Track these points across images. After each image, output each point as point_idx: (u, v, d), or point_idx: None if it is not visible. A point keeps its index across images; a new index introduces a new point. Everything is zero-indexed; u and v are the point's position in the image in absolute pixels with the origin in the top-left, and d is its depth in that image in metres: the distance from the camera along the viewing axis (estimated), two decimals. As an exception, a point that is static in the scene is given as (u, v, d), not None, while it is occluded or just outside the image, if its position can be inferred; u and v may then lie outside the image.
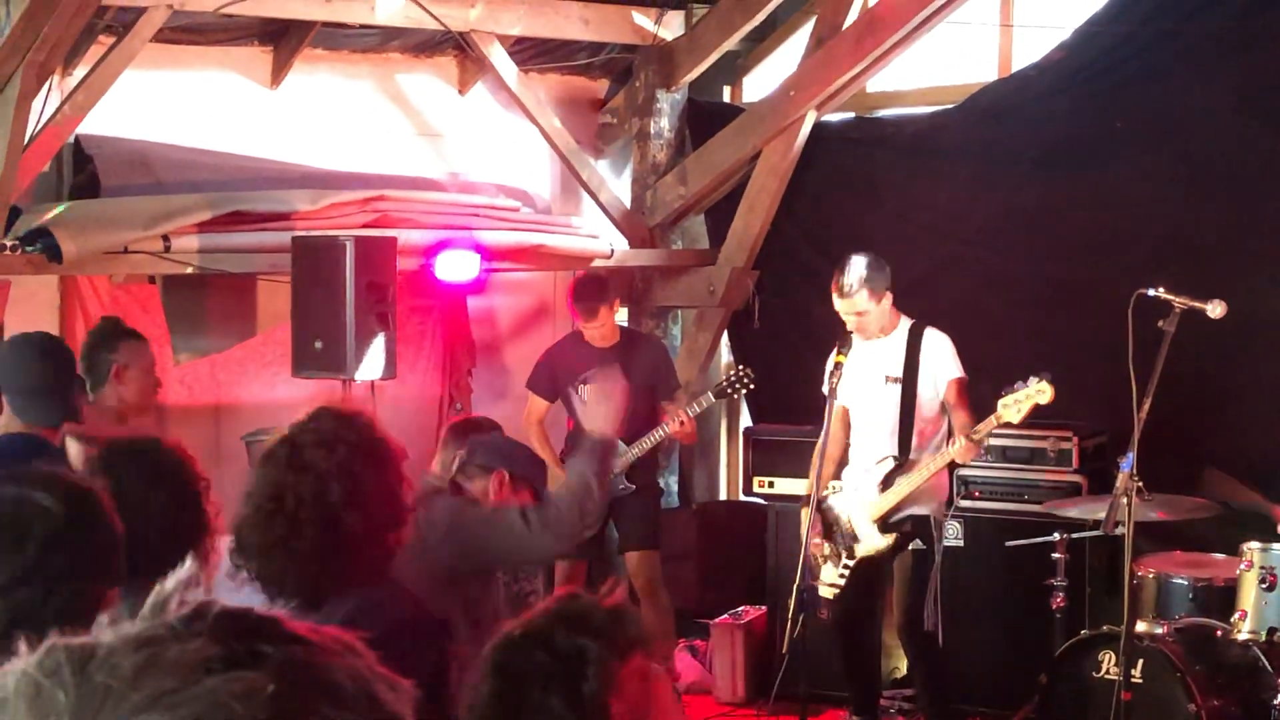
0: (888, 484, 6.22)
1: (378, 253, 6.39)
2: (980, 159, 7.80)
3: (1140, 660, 5.59)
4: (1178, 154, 7.16)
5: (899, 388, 6.27)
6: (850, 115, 8.41)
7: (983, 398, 6.13)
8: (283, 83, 7.65)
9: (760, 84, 8.86)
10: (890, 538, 6.25)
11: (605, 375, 4.85)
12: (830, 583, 6.36)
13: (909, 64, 8.11)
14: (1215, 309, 5.58)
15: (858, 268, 6.23)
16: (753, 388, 7.24)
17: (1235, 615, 5.58)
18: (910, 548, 6.29)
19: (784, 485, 7.56)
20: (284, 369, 6.74)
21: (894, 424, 6.28)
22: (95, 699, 0.96)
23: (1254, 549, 5.60)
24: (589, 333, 7.16)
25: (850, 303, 6.22)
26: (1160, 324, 5.54)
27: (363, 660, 1.04)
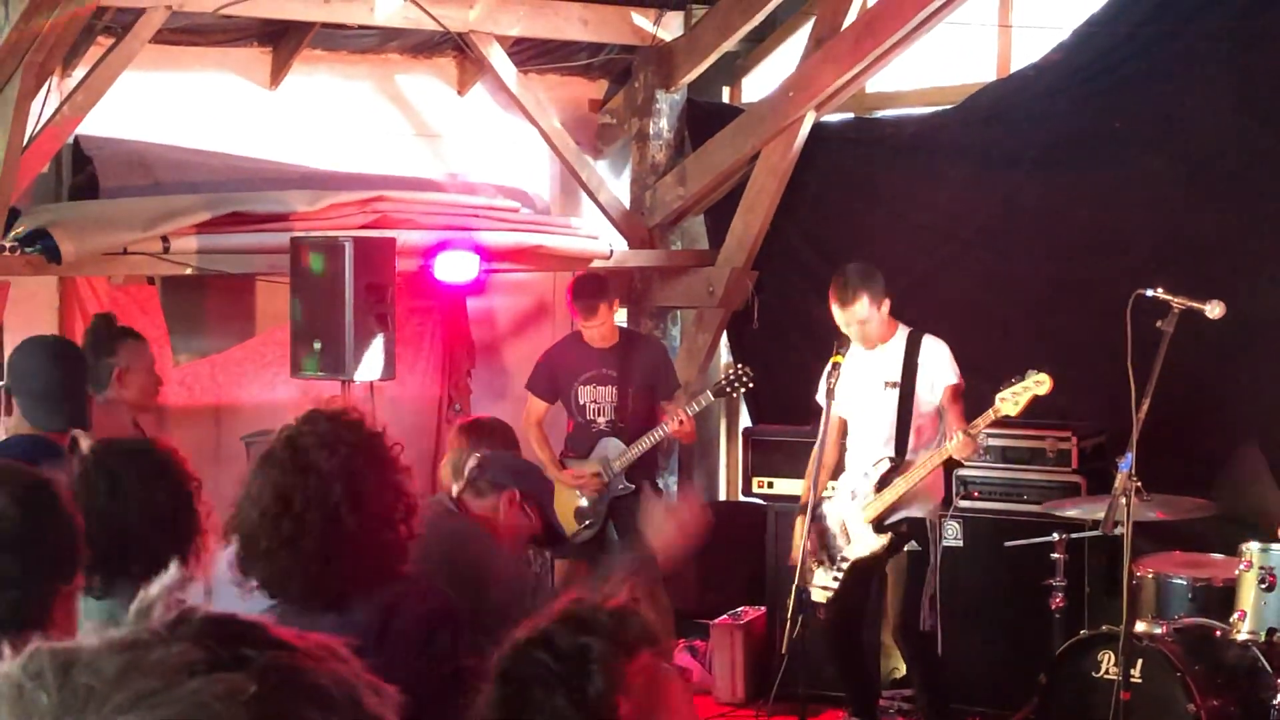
0: (884, 484, 6.23)
1: (377, 253, 6.39)
2: (979, 159, 7.80)
3: (1139, 660, 5.59)
4: (1177, 154, 7.16)
5: (897, 392, 6.28)
6: (849, 116, 8.41)
7: (980, 398, 6.13)
8: (282, 83, 7.65)
9: (759, 84, 8.85)
10: (885, 538, 6.25)
11: (691, 500, 4.66)
12: (823, 586, 6.36)
13: (908, 64, 8.10)
14: (1214, 309, 5.57)
15: (854, 277, 6.24)
16: (752, 386, 7.25)
17: (1234, 615, 5.58)
18: (906, 549, 6.29)
19: (783, 485, 7.56)
20: (283, 370, 6.73)
21: (891, 428, 6.29)
22: (77, 700, 0.97)
23: (1253, 549, 5.60)
24: (588, 333, 7.17)
25: (851, 312, 6.22)
26: (1159, 324, 5.54)
27: (347, 665, 1.04)
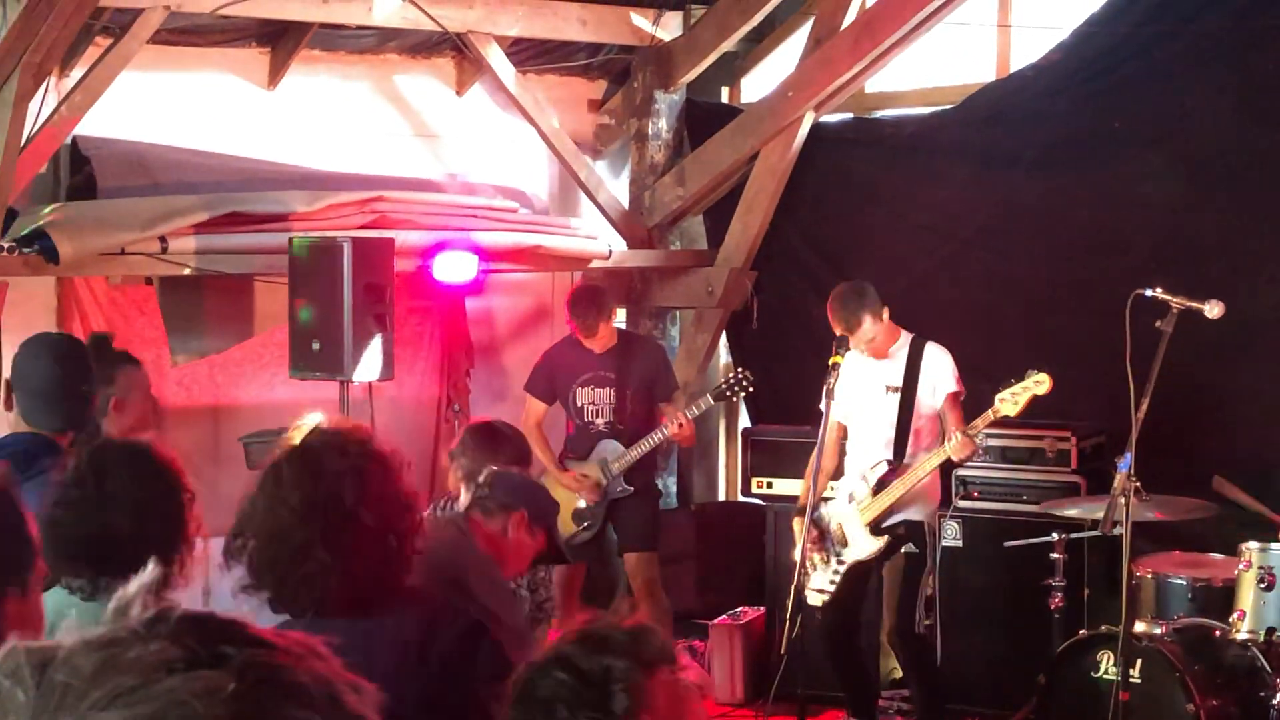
0: (881, 487, 6.22)
1: (375, 254, 6.38)
2: (978, 159, 7.79)
3: (1139, 660, 5.59)
4: (1176, 154, 7.15)
5: (898, 396, 6.27)
6: (848, 116, 8.41)
7: (980, 398, 6.13)
8: (280, 84, 7.65)
9: (758, 85, 8.85)
10: (882, 541, 6.24)
11: None
12: (819, 589, 6.35)
13: (907, 64, 8.10)
14: (1213, 309, 5.57)
15: (850, 301, 6.18)
16: (751, 390, 7.24)
17: (1234, 615, 5.58)
18: (904, 551, 6.28)
19: (782, 486, 7.55)
20: (282, 370, 6.73)
21: (891, 431, 6.28)
22: (54, 697, 0.97)
23: (1252, 549, 5.60)
24: (587, 340, 7.17)
25: (859, 334, 6.18)
26: (1158, 324, 5.53)
27: (326, 663, 1.04)
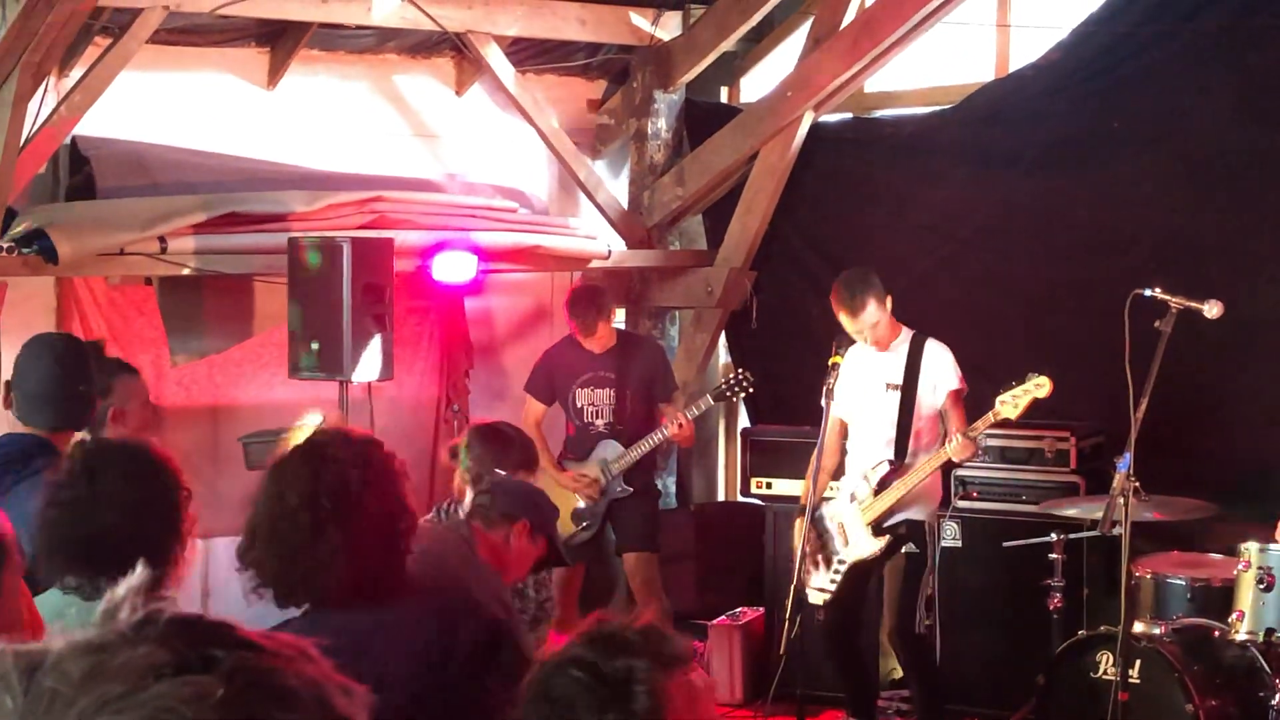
0: (883, 487, 6.21)
1: (375, 254, 6.38)
2: (978, 159, 7.79)
3: (1138, 660, 5.59)
4: (1175, 154, 7.15)
5: (899, 395, 6.26)
6: (848, 116, 8.41)
7: (980, 398, 6.12)
8: (279, 84, 7.64)
9: (757, 84, 8.85)
10: (883, 541, 6.24)
11: None
12: (820, 588, 6.35)
13: (906, 64, 8.10)
14: (1212, 309, 5.57)
15: (855, 284, 6.22)
16: (751, 391, 7.24)
17: (1233, 615, 5.57)
18: (904, 550, 6.28)
19: (782, 486, 7.55)
20: (281, 370, 6.72)
21: (892, 430, 6.27)
22: (42, 703, 0.96)
23: (1252, 549, 5.59)
24: (587, 340, 7.17)
25: (863, 319, 6.20)
26: (1157, 324, 5.53)
27: (316, 666, 1.04)
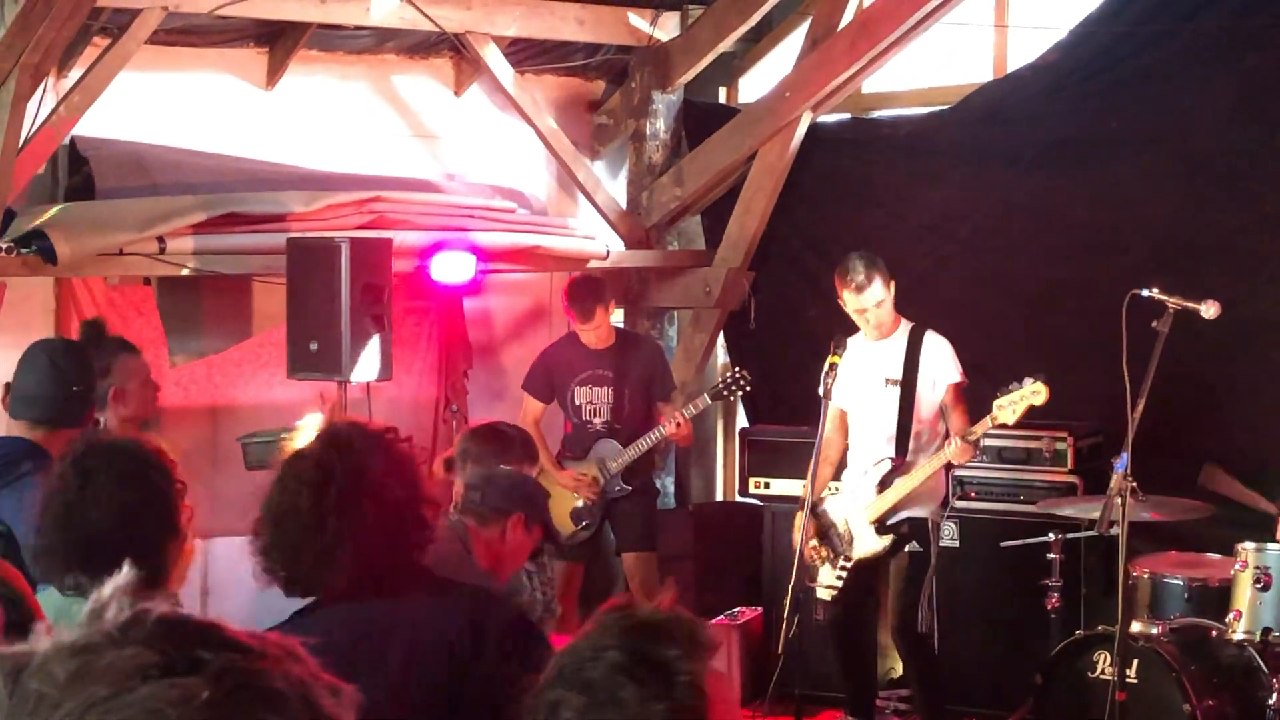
0: (885, 485, 6.22)
1: (373, 254, 6.38)
2: (976, 160, 7.79)
3: (1135, 660, 5.59)
4: (1174, 154, 7.15)
5: (898, 390, 6.27)
6: (846, 116, 8.41)
7: (979, 398, 6.13)
8: (278, 84, 7.65)
9: (756, 85, 8.85)
10: (887, 539, 6.25)
11: None
12: (828, 585, 6.36)
13: (904, 65, 8.10)
14: (1209, 309, 5.57)
15: (861, 261, 6.25)
16: (749, 390, 7.25)
17: (1230, 615, 5.58)
18: (906, 549, 6.29)
19: (780, 486, 7.56)
20: (280, 370, 6.73)
21: (893, 426, 6.28)
22: (28, 705, 0.97)
23: (1249, 549, 5.60)
24: (585, 335, 7.18)
25: (868, 295, 6.21)
26: (1154, 324, 5.53)
27: (304, 666, 1.04)
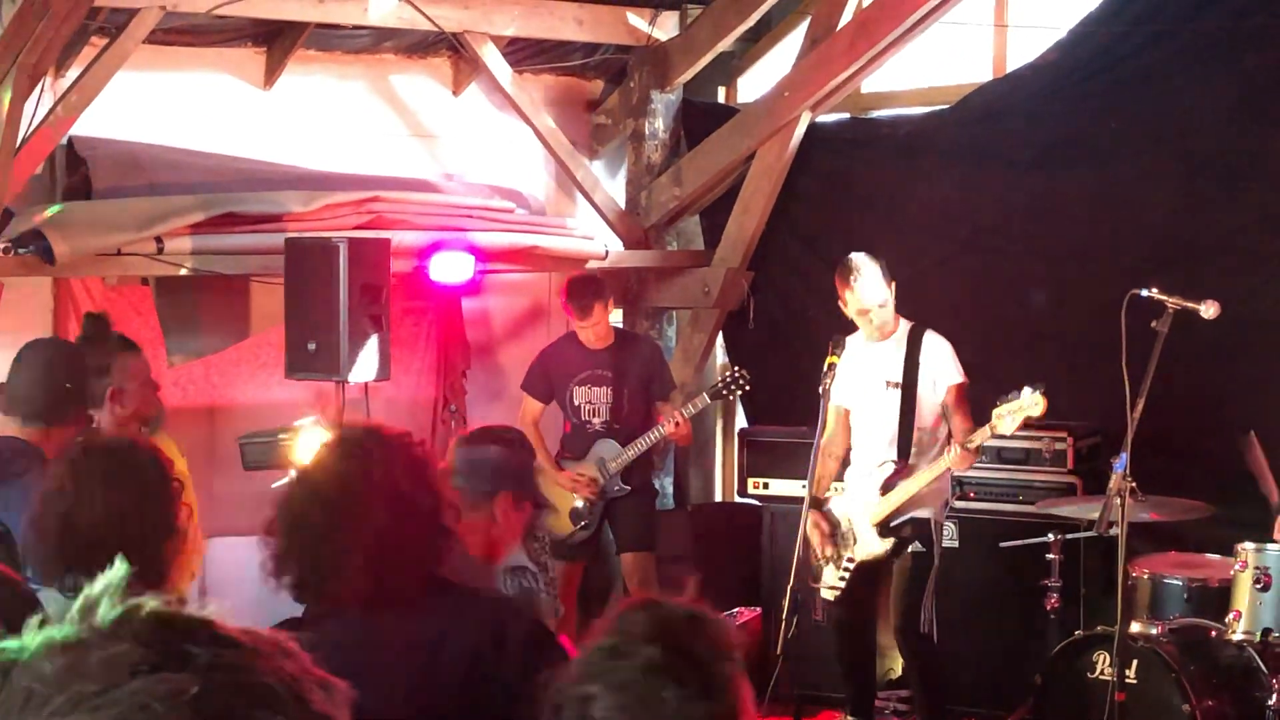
0: (888, 488, 6.20)
1: (371, 254, 6.37)
2: (975, 160, 7.79)
3: (1135, 661, 5.58)
4: (1174, 154, 7.14)
5: (899, 393, 6.25)
6: (845, 116, 8.41)
7: (977, 398, 6.12)
8: (276, 84, 7.65)
9: (755, 85, 8.84)
10: (889, 542, 6.23)
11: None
12: (830, 585, 6.36)
13: (903, 65, 8.10)
14: (1208, 310, 5.57)
15: (864, 261, 6.22)
16: (748, 389, 7.24)
17: (1230, 616, 5.57)
18: (910, 549, 6.27)
19: (778, 486, 7.55)
20: (278, 370, 6.72)
21: (894, 429, 6.26)
22: (17, 701, 0.97)
23: (1248, 549, 5.59)
24: (584, 334, 7.17)
25: (870, 295, 6.18)
26: (1154, 324, 5.53)
27: (295, 662, 1.04)
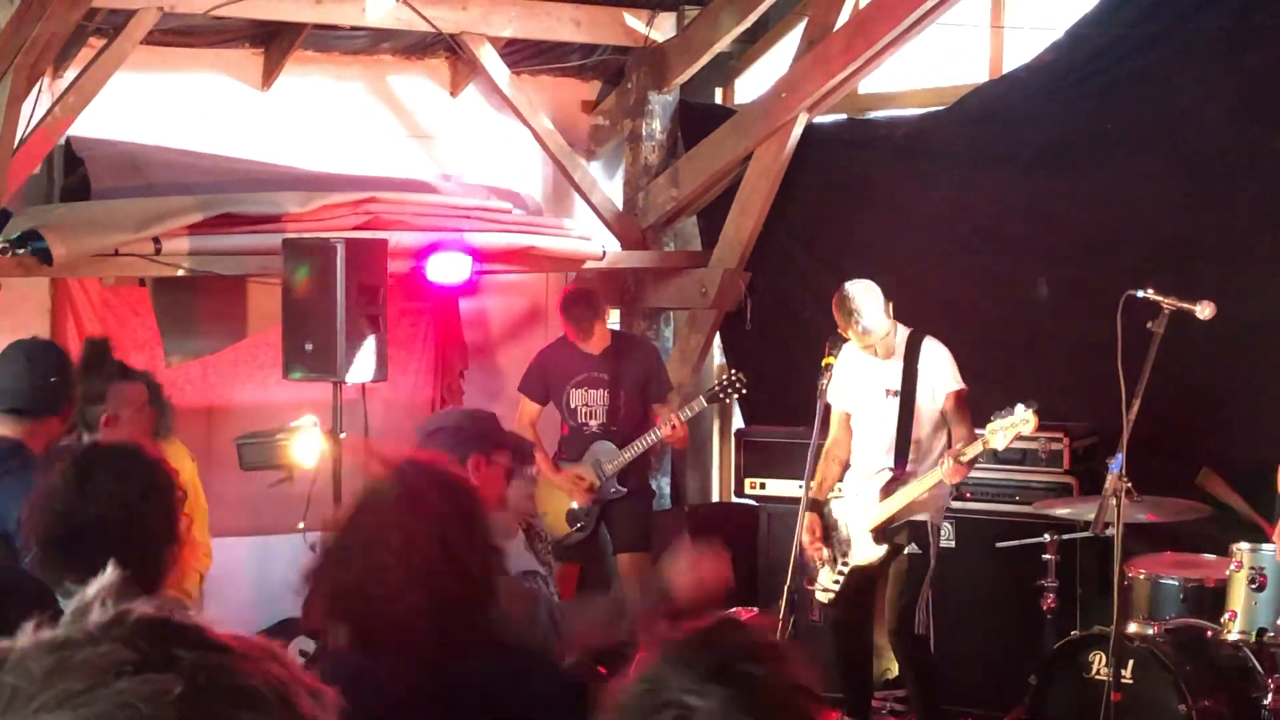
0: (887, 493, 6.20)
1: (369, 255, 6.38)
2: (972, 161, 7.79)
3: (1131, 661, 5.59)
4: (1170, 155, 7.14)
5: (898, 401, 6.23)
6: (842, 117, 8.41)
7: (974, 399, 6.13)
8: (274, 84, 7.65)
9: (752, 85, 8.85)
10: (884, 548, 6.23)
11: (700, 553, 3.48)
12: (825, 586, 6.36)
13: (900, 65, 8.10)
14: (1204, 310, 5.57)
15: (862, 295, 6.11)
16: (745, 392, 7.24)
17: (1225, 616, 5.58)
18: (906, 551, 6.27)
19: (775, 487, 7.56)
20: (276, 371, 6.72)
21: (891, 437, 6.24)
22: (3, 698, 0.98)
23: (1244, 550, 5.60)
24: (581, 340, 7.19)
25: (874, 329, 6.13)
26: (1149, 325, 5.53)
27: (284, 667, 1.05)
